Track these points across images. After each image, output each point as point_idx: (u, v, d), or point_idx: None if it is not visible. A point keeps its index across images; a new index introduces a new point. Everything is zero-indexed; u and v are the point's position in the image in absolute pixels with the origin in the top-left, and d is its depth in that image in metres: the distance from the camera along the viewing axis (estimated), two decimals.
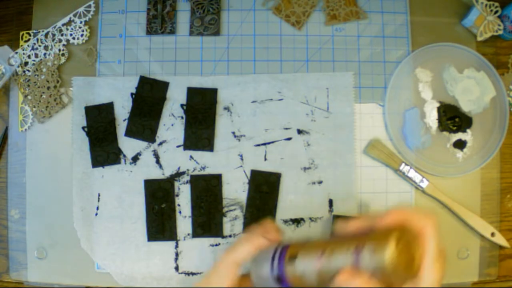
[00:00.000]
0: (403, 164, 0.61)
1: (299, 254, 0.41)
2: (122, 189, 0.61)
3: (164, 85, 0.62)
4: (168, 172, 0.61)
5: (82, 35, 0.63)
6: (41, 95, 0.62)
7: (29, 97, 0.62)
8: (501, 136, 0.62)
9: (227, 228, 0.61)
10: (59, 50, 0.63)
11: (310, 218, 0.61)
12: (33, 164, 0.62)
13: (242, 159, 0.61)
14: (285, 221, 0.61)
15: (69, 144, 0.62)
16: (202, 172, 0.61)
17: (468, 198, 0.62)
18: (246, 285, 0.47)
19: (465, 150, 0.62)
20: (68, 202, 0.61)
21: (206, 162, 0.61)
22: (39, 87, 0.62)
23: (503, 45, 0.65)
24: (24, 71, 0.62)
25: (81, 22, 0.63)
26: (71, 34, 0.63)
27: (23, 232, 0.62)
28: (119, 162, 0.61)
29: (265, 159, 0.61)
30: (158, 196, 0.60)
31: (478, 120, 0.62)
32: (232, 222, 0.61)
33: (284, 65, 0.63)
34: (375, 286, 0.37)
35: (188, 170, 0.61)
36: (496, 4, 0.63)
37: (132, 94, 0.62)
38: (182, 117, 0.62)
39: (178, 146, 0.61)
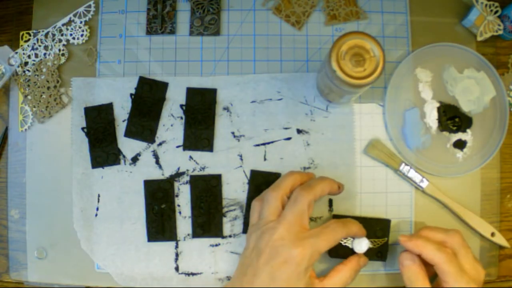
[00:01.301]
0: (403, 164, 0.61)
1: None
2: (122, 189, 0.61)
3: (164, 86, 0.62)
4: (167, 172, 0.61)
5: (82, 35, 0.63)
6: (41, 95, 0.62)
7: (29, 97, 0.62)
8: (501, 136, 0.62)
9: (227, 228, 0.61)
10: (59, 50, 0.63)
11: (310, 218, 0.61)
12: (33, 164, 0.62)
13: (241, 159, 0.61)
14: None
15: (69, 145, 0.62)
16: (202, 173, 0.61)
17: (468, 198, 0.62)
18: None
19: (465, 150, 0.62)
20: (68, 202, 0.61)
21: (205, 162, 0.61)
22: (39, 87, 0.62)
23: (503, 45, 0.65)
24: (24, 71, 0.63)
25: (81, 22, 0.63)
26: (71, 34, 0.63)
27: (23, 232, 0.62)
28: (118, 163, 0.61)
29: (265, 159, 0.61)
30: (158, 196, 0.60)
31: (478, 120, 0.62)
32: (232, 222, 0.61)
33: (284, 65, 0.63)
34: None
35: (187, 170, 0.61)
36: (496, 4, 0.63)
37: (131, 94, 0.62)
38: (181, 118, 0.62)
39: (177, 147, 0.61)
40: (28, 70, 0.62)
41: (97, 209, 0.61)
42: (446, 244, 0.52)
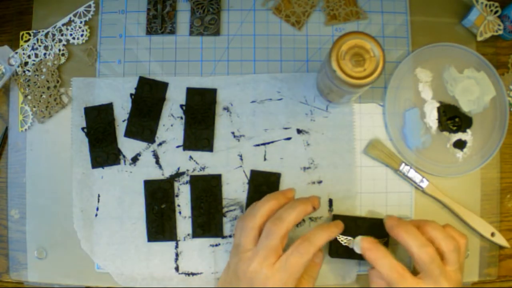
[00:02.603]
0: (403, 164, 0.61)
1: None
2: (122, 189, 0.61)
3: (164, 86, 0.62)
4: (167, 172, 0.61)
5: (82, 35, 0.63)
6: (41, 95, 0.62)
7: (29, 97, 0.62)
8: (501, 136, 0.62)
9: (227, 228, 0.61)
10: (59, 50, 0.63)
11: (310, 218, 0.61)
12: (33, 164, 0.62)
13: (241, 159, 0.61)
14: None
15: (69, 145, 0.62)
16: (202, 173, 0.61)
17: (468, 198, 0.62)
18: None
19: (465, 150, 0.62)
20: (68, 202, 0.61)
21: (205, 162, 0.61)
22: (39, 87, 0.62)
23: (503, 45, 0.65)
24: (24, 71, 0.63)
25: (81, 22, 0.63)
26: (71, 34, 0.63)
27: (23, 232, 0.62)
28: (118, 163, 0.61)
29: (265, 159, 0.61)
30: (158, 196, 0.60)
31: (478, 120, 0.62)
32: (232, 222, 0.61)
33: (284, 65, 0.63)
34: None
35: (187, 170, 0.61)
36: (496, 4, 0.63)
37: (131, 94, 0.62)
38: (181, 118, 0.62)
39: (177, 147, 0.61)
40: (28, 70, 0.62)
41: (97, 209, 0.61)
42: (439, 247, 0.51)
